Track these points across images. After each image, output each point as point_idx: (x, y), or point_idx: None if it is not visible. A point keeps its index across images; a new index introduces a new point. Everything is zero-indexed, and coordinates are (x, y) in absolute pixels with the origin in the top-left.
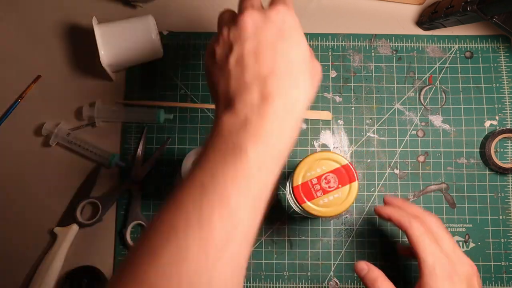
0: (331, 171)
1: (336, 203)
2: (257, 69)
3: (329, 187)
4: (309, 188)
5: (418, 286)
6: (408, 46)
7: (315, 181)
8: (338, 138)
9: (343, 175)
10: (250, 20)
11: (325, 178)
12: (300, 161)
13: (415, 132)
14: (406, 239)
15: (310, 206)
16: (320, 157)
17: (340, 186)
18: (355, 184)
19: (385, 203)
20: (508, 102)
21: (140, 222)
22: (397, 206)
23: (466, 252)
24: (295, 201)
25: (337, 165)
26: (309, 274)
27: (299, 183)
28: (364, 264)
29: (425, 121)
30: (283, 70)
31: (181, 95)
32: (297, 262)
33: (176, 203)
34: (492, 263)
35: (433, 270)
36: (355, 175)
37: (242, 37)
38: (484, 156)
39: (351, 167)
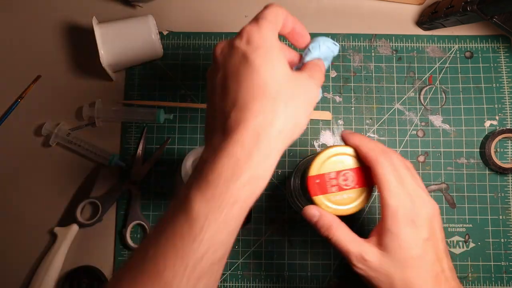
0: (352, 169)
1: (346, 203)
2: (222, 105)
3: (346, 185)
4: (324, 181)
5: (378, 229)
6: (408, 46)
7: (333, 175)
8: (338, 138)
9: (363, 176)
10: (219, 49)
11: (344, 175)
12: (322, 151)
13: (415, 132)
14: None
15: (321, 200)
16: (344, 152)
17: (356, 186)
18: (370, 188)
19: (345, 136)
20: (508, 102)
21: (140, 222)
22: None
23: (466, 252)
24: (305, 192)
25: (360, 165)
26: (309, 274)
27: (315, 173)
28: (314, 209)
29: (425, 121)
30: (246, 98)
31: (181, 95)
32: (297, 262)
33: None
34: (492, 263)
35: (395, 214)
36: None
37: (215, 70)
38: (484, 156)
39: None
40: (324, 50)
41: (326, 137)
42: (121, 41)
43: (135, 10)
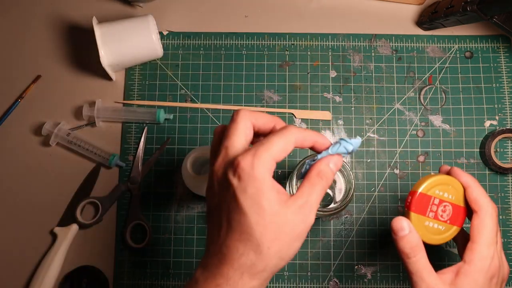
0: (453, 204)
1: (433, 232)
2: (218, 229)
3: (442, 216)
4: (427, 203)
5: (456, 270)
6: (408, 46)
7: (437, 201)
8: (338, 138)
9: (460, 215)
10: (215, 176)
11: (444, 206)
12: (437, 175)
13: (415, 132)
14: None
15: (417, 218)
16: (452, 185)
17: (448, 222)
18: (458, 229)
19: (457, 172)
20: (508, 102)
21: (140, 222)
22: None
23: None
24: (403, 204)
25: (463, 204)
26: (309, 274)
27: (424, 192)
28: (406, 222)
29: (425, 121)
30: (234, 238)
31: (181, 95)
32: (297, 262)
33: None
34: None
35: (483, 263)
36: (462, 222)
37: (212, 191)
38: (484, 156)
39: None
40: (342, 150)
41: (326, 137)
42: (121, 41)
43: (135, 10)
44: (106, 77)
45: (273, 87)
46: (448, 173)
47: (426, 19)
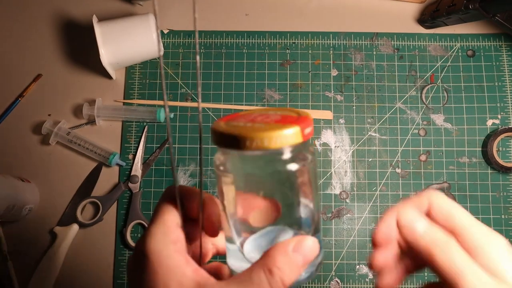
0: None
1: (253, 129)
2: None
3: (261, 120)
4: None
5: None
6: (410, 44)
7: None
8: (339, 137)
9: (289, 119)
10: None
11: (263, 115)
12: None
13: (416, 131)
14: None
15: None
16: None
17: (274, 123)
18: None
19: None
20: (511, 100)
21: (140, 221)
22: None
23: None
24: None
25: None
26: None
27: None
28: (417, 216)
29: (427, 120)
30: None
31: (181, 94)
32: None
33: None
34: None
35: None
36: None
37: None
38: (486, 155)
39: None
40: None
41: (328, 136)
42: (121, 39)
43: (135, 8)
44: (106, 75)
45: (274, 85)
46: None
47: (428, 18)
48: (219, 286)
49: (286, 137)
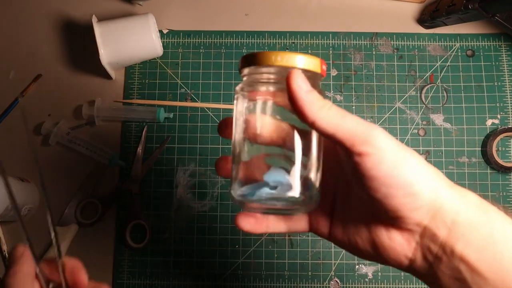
0: None
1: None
2: None
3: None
4: None
5: None
6: (409, 44)
7: None
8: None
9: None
10: None
11: None
12: None
13: (416, 131)
14: None
15: None
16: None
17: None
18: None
19: None
20: (510, 100)
21: (140, 222)
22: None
23: None
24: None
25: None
26: (310, 273)
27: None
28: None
29: (426, 120)
30: None
31: (181, 94)
32: (298, 261)
33: None
34: None
35: None
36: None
37: None
38: (486, 155)
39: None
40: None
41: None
42: (121, 39)
43: (134, 8)
44: (106, 76)
45: None
46: None
47: (427, 17)
48: None
49: (309, 62)
